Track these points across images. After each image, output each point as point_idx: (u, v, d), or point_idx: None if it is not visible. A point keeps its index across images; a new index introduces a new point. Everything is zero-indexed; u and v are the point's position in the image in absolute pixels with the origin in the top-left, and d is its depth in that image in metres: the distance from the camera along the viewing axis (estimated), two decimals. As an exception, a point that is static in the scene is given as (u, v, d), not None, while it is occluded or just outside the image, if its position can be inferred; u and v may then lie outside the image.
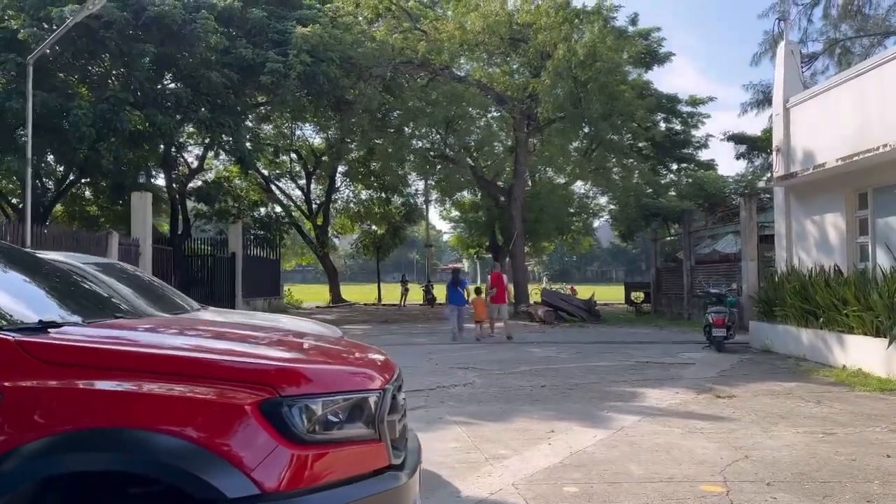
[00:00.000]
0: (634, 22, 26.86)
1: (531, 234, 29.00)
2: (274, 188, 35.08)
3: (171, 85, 21.12)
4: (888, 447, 5.72)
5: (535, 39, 21.62)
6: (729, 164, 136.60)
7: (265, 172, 33.39)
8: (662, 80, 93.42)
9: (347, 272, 77.49)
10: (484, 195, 30.02)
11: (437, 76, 23.91)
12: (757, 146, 28.18)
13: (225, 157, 27.00)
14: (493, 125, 28.31)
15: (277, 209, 35.22)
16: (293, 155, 34.42)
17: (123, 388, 2.26)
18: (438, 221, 75.98)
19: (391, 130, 26.01)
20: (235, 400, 2.24)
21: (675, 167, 31.89)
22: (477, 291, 17.19)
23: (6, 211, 23.55)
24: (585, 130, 25.74)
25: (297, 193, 37.01)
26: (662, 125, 29.94)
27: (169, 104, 18.85)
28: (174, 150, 25.06)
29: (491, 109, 26.94)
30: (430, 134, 27.53)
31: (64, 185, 24.01)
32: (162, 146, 22.48)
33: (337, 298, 35.53)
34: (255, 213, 32.45)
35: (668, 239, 25.45)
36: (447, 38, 21.82)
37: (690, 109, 30.46)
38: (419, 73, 24.08)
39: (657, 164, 30.35)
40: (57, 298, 3.12)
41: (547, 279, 50.29)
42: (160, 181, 26.69)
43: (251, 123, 26.61)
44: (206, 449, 2.15)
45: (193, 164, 28.79)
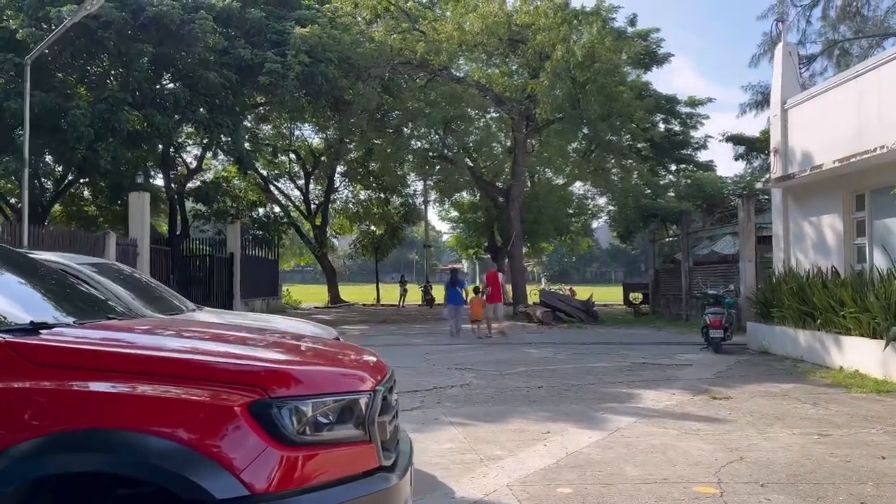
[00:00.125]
0: (633, 23, 26.88)
1: (530, 234, 29.01)
2: (272, 188, 35.10)
3: (169, 85, 21.12)
4: (883, 449, 5.72)
5: (533, 40, 21.63)
6: (728, 165, 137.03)
7: (264, 173, 33.42)
8: (662, 80, 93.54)
9: (346, 272, 77.46)
10: (482, 196, 30.04)
11: (435, 77, 23.92)
12: (755, 147, 28.20)
13: (223, 157, 27.01)
14: (491, 126, 28.33)
15: (276, 209, 35.24)
16: (292, 155, 34.46)
17: (113, 389, 2.26)
18: (437, 222, 75.95)
19: (390, 131, 26.02)
20: (224, 401, 2.24)
21: (673, 168, 31.91)
22: (475, 291, 17.29)
23: (5, 211, 23.55)
24: (584, 131, 25.77)
25: (295, 194, 37.06)
26: (661, 126, 29.97)
27: (167, 104, 18.85)
28: (173, 150, 25.08)
29: (490, 110, 26.96)
30: (428, 134, 27.54)
31: (62, 185, 24.02)
32: (160, 146, 22.51)
33: (336, 299, 35.54)
34: (253, 213, 32.47)
35: (666, 240, 25.45)
36: (446, 38, 21.82)
37: (689, 110, 30.48)
38: (418, 73, 24.09)
39: (656, 164, 30.37)
40: (49, 299, 3.12)
41: (546, 280, 50.30)
42: (159, 181, 26.74)
43: (250, 124, 26.64)
44: (194, 450, 2.15)
45: (192, 164, 28.82)
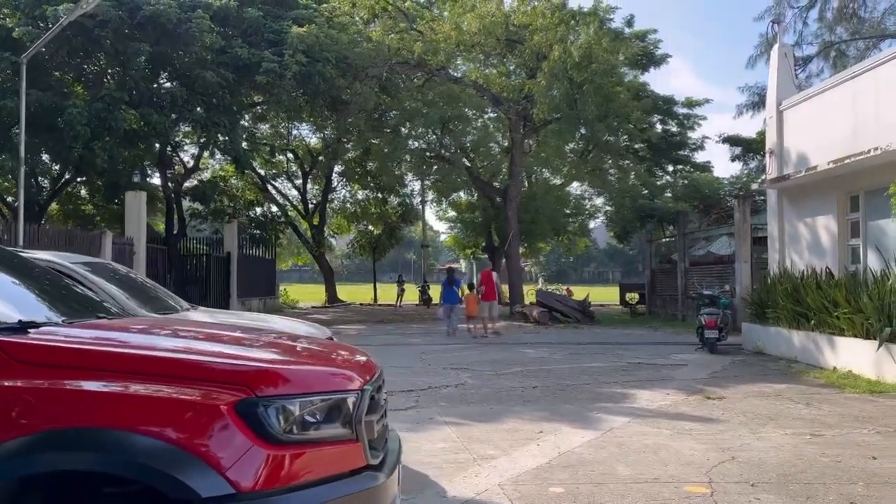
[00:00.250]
0: (630, 24, 26.90)
1: (527, 234, 29.05)
2: (270, 188, 35.08)
3: (166, 84, 21.09)
4: (874, 449, 5.74)
5: (531, 41, 21.66)
6: (725, 166, 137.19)
7: (261, 172, 33.41)
8: (659, 81, 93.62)
9: (344, 272, 77.46)
10: (480, 196, 30.06)
11: (433, 77, 23.93)
12: (752, 148, 28.26)
13: (220, 156, 26.99)
14: (489, 126, 28.36)
15: (273, 209, 35.23)
16: (289, 154, 34.46)
17: (100, 388, 2.27)
18: (435, 222, 75.94)
19: (387, 131, 26.03)
20: (211, 400, 2.25)
21: (670, 169, 31.96)
22: (470, 287, 17.46)
23: (1, 210, 23.52)
24: (582, 132, 25.79)
25: (293, 193, 37.08)
26: (658, 127, 30.02)
27: (164, 103, 18.83)
28: (170, 149, 25.05)
29: (487, 110, 26.99)
30: (426, 134, 27.56)
31: (59, 183, 23.99)
32: (157, 145, 22.49)
33: (333, 298, 35.54)
34: (250, 212, 32.43)
35: (663, 240, 25.49)
36: (443, 38, 21.84)
37: (686, 111, 30.54)
38: (415, 73, 24.10)
39: (653, 165, 30.41)
40: (39, 298, 3.12)
41: (543, 280, 50.29)
42: (156, 180, 26.72)
43: (247, 123, 26.61)
44: (180, 448, 2.16)
45: (189, 163, 28.79)
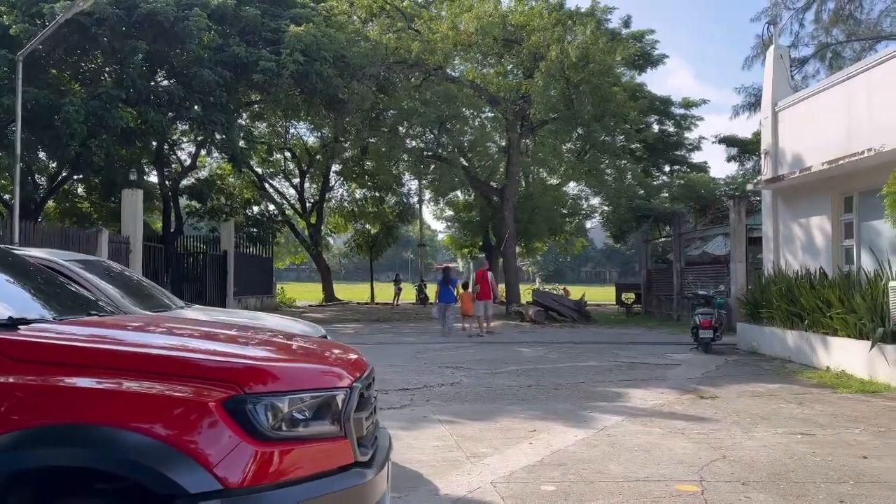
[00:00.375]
0: (627, 24, 26.99)
1: (524, 234, 29.10)
2: (267, 186, 35.08)
3: (163, 82, 21.08)
4: (865, 448, 5.77)
5: (528, 41, 21.70)
6: (721, 166, 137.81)
7: (259, 170, 33.42)
8: (657, 82, 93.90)
9: (342, 271, 77.49)
10: (477, 195, 30.12)
11: (430, 76, 23.95)
12: (748, 149, 28.35)
13: (218, 155, 26.97)
14: (486, 126, 28.41)
15: (271, 207, 35.23)
16: (287, 153, 34.47)
17: (90, 384, 2.28)
18: (432, 221, 76.04)
19: (385, 130, 26.06)
20: (199, 397, 2.26)
21: (667, 169, 32.05)
22: (464, 286, 17.53)
23: (-3, 207, 23.47)
24: (579, 132, 25.85)
25: (290, 192, 37.11)
26: (655, 127, 30.12)
27: (161, 101, 18.81)
28: (167, 147, 25.04)
29: (484, 110, 27.04)
30: (423, 134, 27.59)
31: (56, 181, 23.95)
32: (154, 143, 22.46)
33: (330, 297, 35.56)
34: (248, 211, 32.42)
35: (659, 240, 25.53)
36: (441, 38, 21.86)
37: (683, 112, 30.66)
38: (413, 72, 24.11)
39: (650, 165, 30.51)
40: (30, 295, 3.13)
41: (540, 279, 50.36)
42: (153, 178, 26.67)
43: (245, 122, 26.60)
44: (168, 445, 2.18)
45: (186, 161, 28.78)
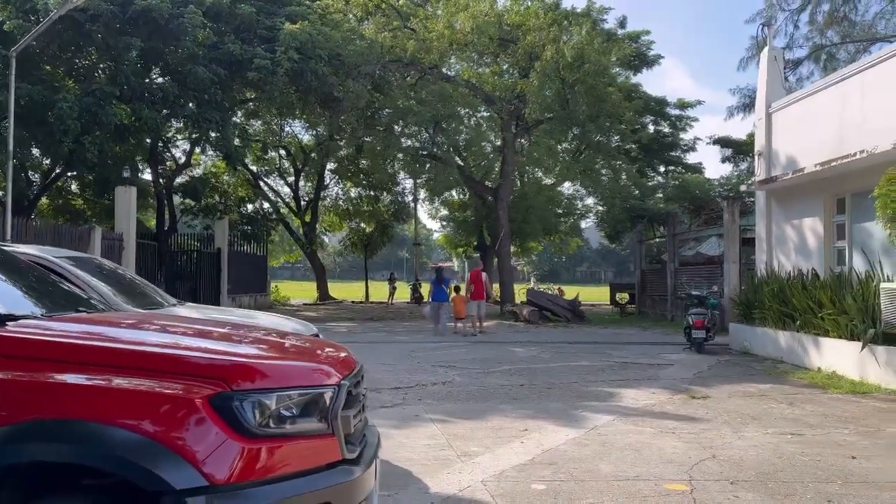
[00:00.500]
0: (623, 25, 27.06)
1: (518, 234, 29.12)
2: (262, 184, 35.01)
3: (158, 79, 21.02)
4: (854, 448, 5.80)
5: (523, 40, 21.72)
6: (715, 167, 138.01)
7: (253, 168, 33.35)
8: (652, 82, 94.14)
9: (337, 269, 77.36)
10: (472, 195, 30.13)
11: (426, 75, 23.95)
12: (742, 150, 28.43)
13: (212, 152, 26.91)
14: (481, 125, 28.42)
15: (265, 205, 35.17)
16: (282, 151, 34.41)
17: (76, 380, 2.28)
18: (427, 220, 76.06)
19: (380, 129, 26.03)
20: (186, 394, 2.27)
21: (662, 169, 32.13)
22: (456, 290, 17.59)
23: (-10, 203, 23.37)
24: (574, 132, 25.88)
25: (285, 190, 37.04)
26: (651, 128, 30.19)
27: (156, 99, 18.76)
28: (161, 145, 24.97)
29: (480, 109, 27.05)
30: (418, 133, 27.56)
31: (49, 178, 23.86)
32: (148, 141, 22.41)
33: (324, 296, 35.52)
34: (242, 209, 32.36)
35: (653, 241, 25.59)
36: (436, 37, 21.87)
37: (678, 112, 30.73)
38: (408, 71, 24.11)
39: (645, 166, 30.58)
40: (19, 291, 3.12)
41: (535, 279, 50.43)
42: (147, 176, 26.61)
43: (240, 119, 26.55)
44: (155, 441, 2.18)
45: (181, 159, 28.70)
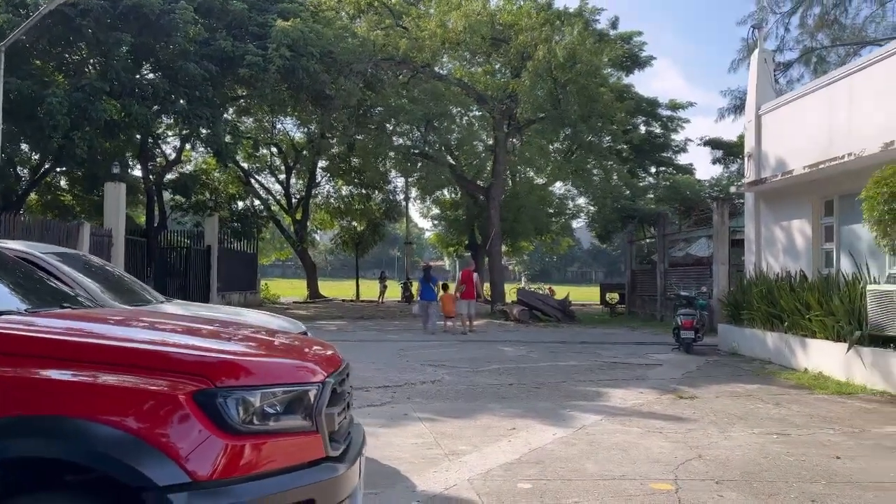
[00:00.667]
0: (615, 25, 27.10)
1: (509, 233, 29.16)
2: (253, 182, 34.90)
3: (148, 75, 20.91)
4: (838, 449, 5.84)
5: (516, 40, 21.75)
6: (706, 168, 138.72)
7: (244, 165, 33.24)
8: (645, 83, 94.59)
9: (328, 268, 77.31)
10: (463, 194, 30.14)
11: (418, 74, 23.93)
12: (733, 151, 28.59)
13: (203, 149, 26.81)
14: (473, 124, 28.43)
15: (256, 203, 35.06)
16: (273, 149, 34.30)
17: (59, 376, 2.27)
18: (419, 219, 76.05)
19: (372, 127, 26.01)
20: (169, 390, 2.26)
21: (653, 170, 32.24)
22: (444, 287, 17.62)
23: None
24: (566, 132, 25.93)
25: (276, 188, 36.92)
26: (642, 128, 30.28)
27: (146, 95, 18.66)
28: (151, 141, 24.84)
29: (472, 108, 27.06)
30: (410, 131, 27.56)
31: (38, 173, 23.69)
32: (139, 137, 22.29)
33: (315, 294, 35.45)
34: (232, 206, 32.25)
35: (644, 241, 25.68)
36: (429, 36, 21.86)
37: (670, 113, 30.83)
38: (400, 70, 24.09)
39: (636, 166, 30.67)
40: (3, 287, 3.09)
41: (526, 279, 50.50)
42: (137, 172, 26.47)
43: (231, 116, 26.45)
44: (138, 438, 2.17)
45: (171, 155, 28.58)
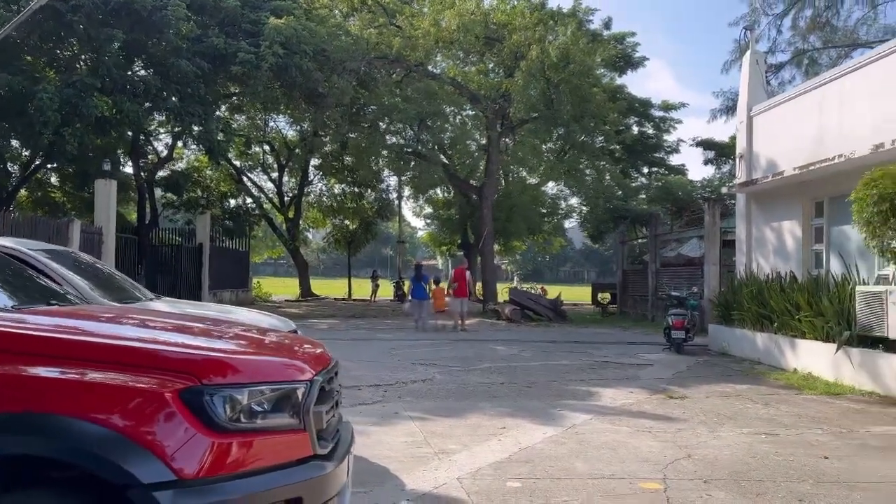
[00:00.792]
0: (608, 26, 27.15)
1: (502, 233, 29.19)
2: (245, 179, 34.81)
3: (140, 72, 20.80)
4: (826, 448, 5.88)
5: (509, 39, 21.76)
6: (698, 169, 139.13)
7: (236, 163, 33.15)
8: (638, 84, 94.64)
9: (320, 266, 77.19)
10: (456, 193, 30.15)
11: (411, 72, 23.92)
12: (724, 152, 28.71)
13: (195, 146, 26.70)
14: (466, 124, 28.45)
15: (248, 201, 34.99)
16: (265, 147, 34.22)
17: (46, 374, 2.26)
18: (412, 218, 76.10)
19: (365, 125, 25.98)
20: (156, 388, 2.25)
21: (645, 171, 32.35)
22: (436, 282, 17.68)
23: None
24: (559, 132, 25.98)
25: (268, 186, 36.85)
26: (635, 129, 30.37)
27: (138, 91, 18.55)
28: (143, 138, 24.72)
29: (465, 108, 27.08)
30: (403, 130, 27.55)
31: (29, 170, 23.54)
32: (130, 134, 22.17)
33: (307, 292, 35.39)
34: (224, 204, 32.15)
35: (636, 241, 25.75)
36: (422, 34, 21.84)
37: (662, 114, 30.93)
38: (394, 68, 24.07)
39: (628, 167, 30.77)
40: (-12, 284, 3.09)
41: (518, 278, 50.52)
42: (128, 169, 26.34)
43: (224, 114, 26.34)
44: (123, 435, 2.16)
45: (163, 152, 28.47)
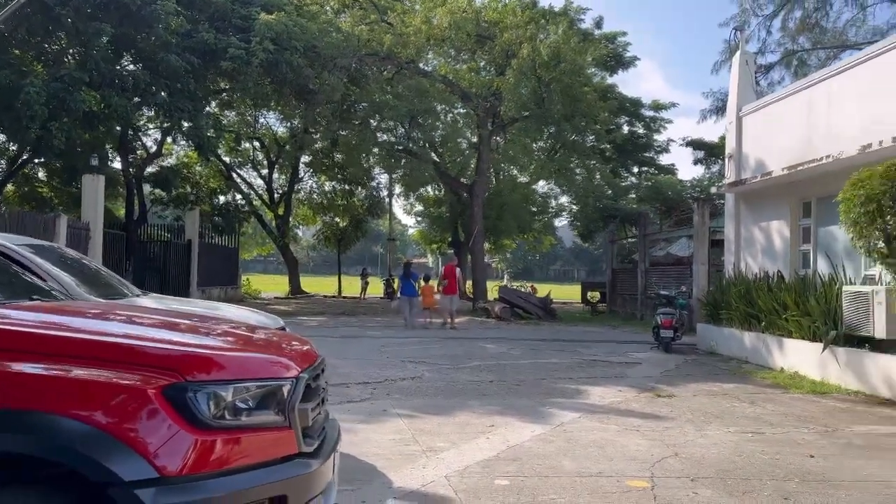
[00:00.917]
0: (600, 25, 27.25)
1: (493, 231, 29.22)
2: (235, 176, 34.65)
3: (129, 66, 20.64)
4: (812, 447, 5.92)
5: (501, 38, 21.76)
6: (688, 168, 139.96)
7: (226, 160, 32.99)
8: (628, 84, 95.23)
9: (310, 263, 77.01)
10: (447, 191, 30.14)
11: (402, 70, 23.86)
12: (714, 152, 28.88)
13: (184, 142, 26.54)
14: (457, 121, 28.44)
15: (238, 197, 34.82)
16: (255, 143, 34.07)
17: (28, 370, 2.23)
18: (402, 215, 76.06)
19: (356, 122, 25.90)
20: (138, 384, 2.23)
21: (635, 170, 32.47)
22: (425, 279, 17.73)
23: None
24: (549, 130, 26.01)
25: (258, 182, 36.70)
26: (625, 128, 30.47)
27: (126, 86, 18.40)
28: (131, 133, 24.55)
29: (456, 105, 27.05)
30: (394, 127, 27.50)
31: (16, 164, 23.32)
32: (118, 129, 22.00)
33: (296, 290, 35.28)
34: (214, 200, 31.99)
35: (625, 241, 25.83)
36: (414, 32, 21.80)
37: (653, 114, 31.06)
38: (385, 65, 24.00)
39: (618, 166, 30.87)
40: (-30, 278, 3.05)
41: (508, 277, 50.60)
42: (117, 164, 26.15)
43: (213, 109, 26.21)
44: (105, 432, 2.14)
45: (152, 148, 28.29)
